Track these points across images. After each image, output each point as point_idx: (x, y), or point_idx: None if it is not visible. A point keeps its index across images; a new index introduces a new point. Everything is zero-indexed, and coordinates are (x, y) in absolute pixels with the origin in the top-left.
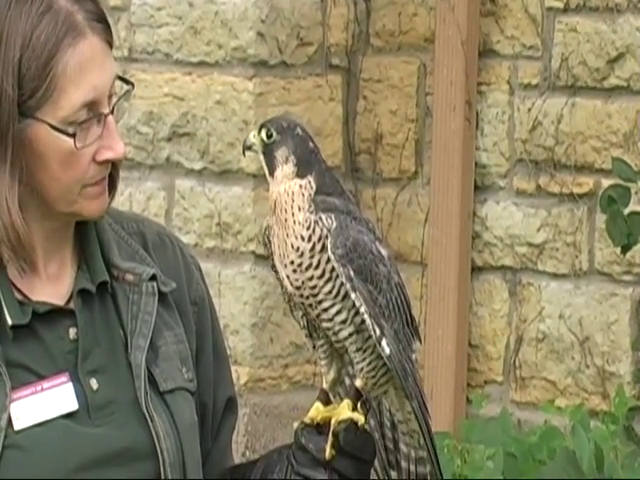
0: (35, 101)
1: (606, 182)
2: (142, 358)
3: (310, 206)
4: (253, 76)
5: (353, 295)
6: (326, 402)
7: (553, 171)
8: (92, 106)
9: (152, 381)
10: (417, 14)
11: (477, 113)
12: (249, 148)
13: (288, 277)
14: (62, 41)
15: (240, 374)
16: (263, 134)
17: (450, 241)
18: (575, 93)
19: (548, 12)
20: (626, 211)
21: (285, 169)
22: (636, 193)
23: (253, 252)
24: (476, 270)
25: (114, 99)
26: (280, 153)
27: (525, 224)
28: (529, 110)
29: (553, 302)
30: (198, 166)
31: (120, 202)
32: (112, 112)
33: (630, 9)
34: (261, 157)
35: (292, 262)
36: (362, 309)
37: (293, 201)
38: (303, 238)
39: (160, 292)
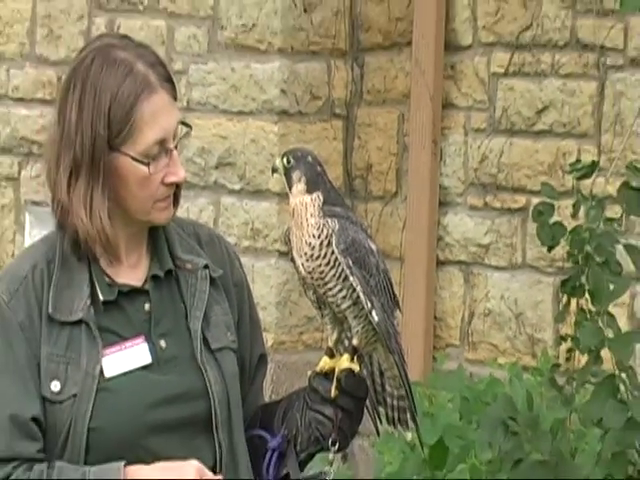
0: (120, 139)
1: (535, 200)
2: (198, 325)
3: (319, 213)
4: (277, 121)
5: (351, 278)
6: (331, 356)
7: (496, 191)
8: (162, 143)
9: (205, 342)
10: (397, 77)
11: (441, 149)
12: (275, 171)
13: (302, 265)
14: (140, 95)
15: (267, 339)
16: (284, 160)
17: (421, 242)
18: (512, 135)
19: (493, 76)
20: (551, 221)
21: (299, 186)
22: (558, 208)
23: (277, 250)
24: (440, 263)
25: (178, 137)
26: (295, 175)
27: (476, 230)
28: (479, 147)
29: (496, 287)
30: (237, 187)
31: (180, 213)
32: (176, 147)
33: (552, 74)
34: (283, 178)
35: (305, 254)
36: (358, 288)
37: (306, 209)
38: (314, 236)
39: (211, 277)
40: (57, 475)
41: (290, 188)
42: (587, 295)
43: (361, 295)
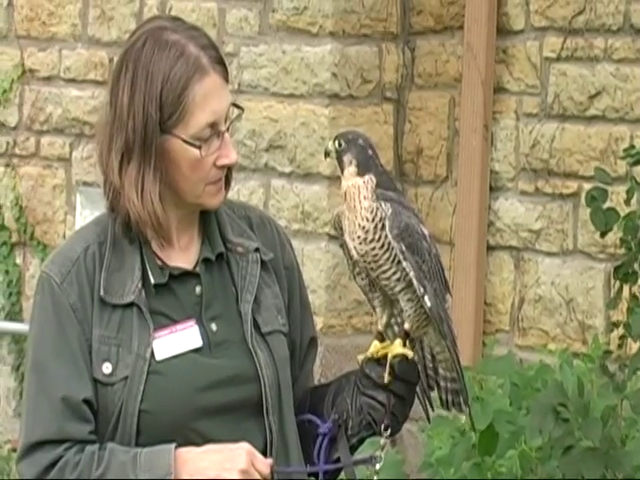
0: (172, 122)
1: (586, 185)
2: (249, 308)
3: (372, 196)
4: (328, 105)
5: (404, 263)
6: (381, 340)
7: (548, 177)
8: (213, 125)
9: (256, 325)
10: (449, 61)
11: (492, 134)
12: (328, 154)
13: (355, 248)
14: (192, 78)
15: (317, 322)
16: (336, 143)
17: (471, 227)
18: (564, 120)
19: (545, 61)
20: (604, 207)
21: (350, 169)
22: (611, 194)
23: (327, 233)
24: (490, 249)
25: (229, 120)
26: (346, 157)
27: (526, 215)
28: (530, 132)
29: (546, 273)
30: (288, 170)
31: (230, 195)
32: (228, 129)
33: (605, 58)
34: (335, 161)
35: (359, 237)
36: (411, 274)
37: (359, 192)
38: (367, 219)
39: (262, 260)
40: (109, 456)
41: (342, 171)
42: None
43: (414, 280)
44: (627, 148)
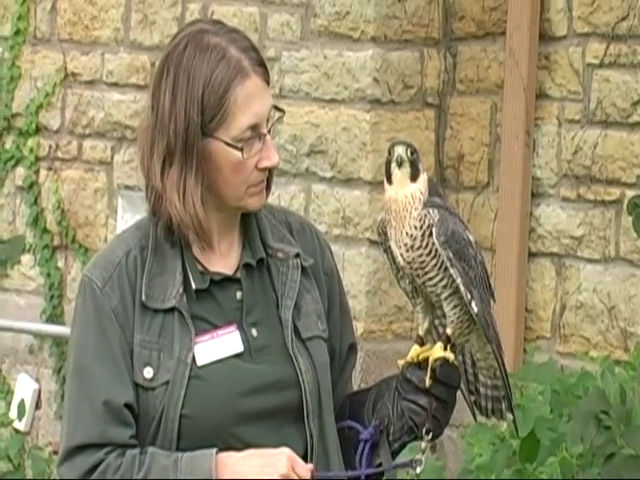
0: (213, 125)
1: (629, 192)
2: (289, 314)
3: (422, 204)
4: (370, 110)
5: (452, 270)
6: (421, 344)
7: (590, 184)
8: (255, 128)
9: (296, 331)
10: (490, 67)
11: (534, 140)
12: (401, 163)
13: (402, 255)
14: (233, 81)
15: (357, 327)
16: (408, 152)
17: (512, 234)
18: (607, 127)
19: (588, 67)
20: None
21: (422, 176)
22: None
23: (368, 238)
24: (531, 255)
25: (271, 122)
26: (421, 165)
27: (568, 222)
28: (572, 138)
29: (588, 280)
30: (329, 175)
31: (271, 200)
32: (269, 132)
33: None
34: (408, 169)
35: (406, 244)
36: (458, 280)
37: (413, 200)
38: (415, 227)
39: (302, 266)
40: (150, 461)
41: (414, 178)
42: None
43: (461, 286)
44: None
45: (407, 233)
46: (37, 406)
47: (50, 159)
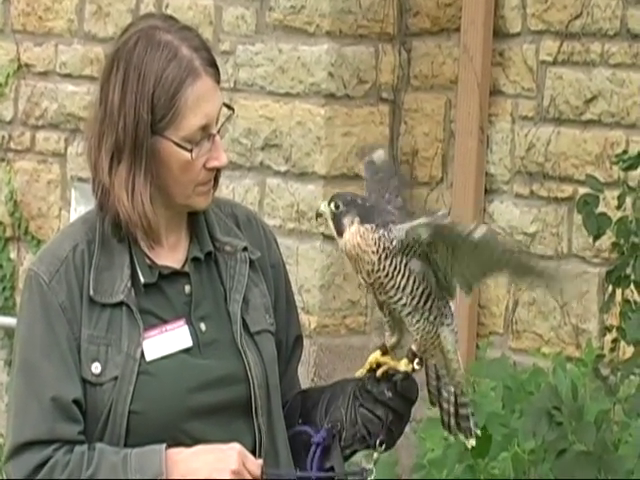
0: (163, 124)
1: (581, 189)
2: (238, 308)
3: (374, 237)
4: (324, 104)
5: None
6: (383, 353)
7: (543, 180)
8: (205, 128)
9: (245, 325)
10: (445, 63)
11: (488, 136)
12: (319, 216)
13: (363, 278)
14: (185, 81)
15: (311, 322)
16: (332, 206)
17: None
18: (560, 124)
19: (541, 64)
20: (596, 211)
21: (352, 228)
22: (603, 199)
23: (322, 233)
24: None
25: (220, 121)
26: (347, 219)
27: (521, 219)
28: (526, 135)
29: None
30: (283, 169)
31: (225, 194)
32: (218, 132)
33: (601, 63)
34: (330, 223)
35: (365, 269)
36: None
37: (365, 243)
38: (373, 252)
39: (250, 260)
40: (98, 457)
41: (339, 233)
42: (632, 286)
43: (420, 303)
44: (619, 154)
45: (367, 261)
46: None
47: (3, 150)
